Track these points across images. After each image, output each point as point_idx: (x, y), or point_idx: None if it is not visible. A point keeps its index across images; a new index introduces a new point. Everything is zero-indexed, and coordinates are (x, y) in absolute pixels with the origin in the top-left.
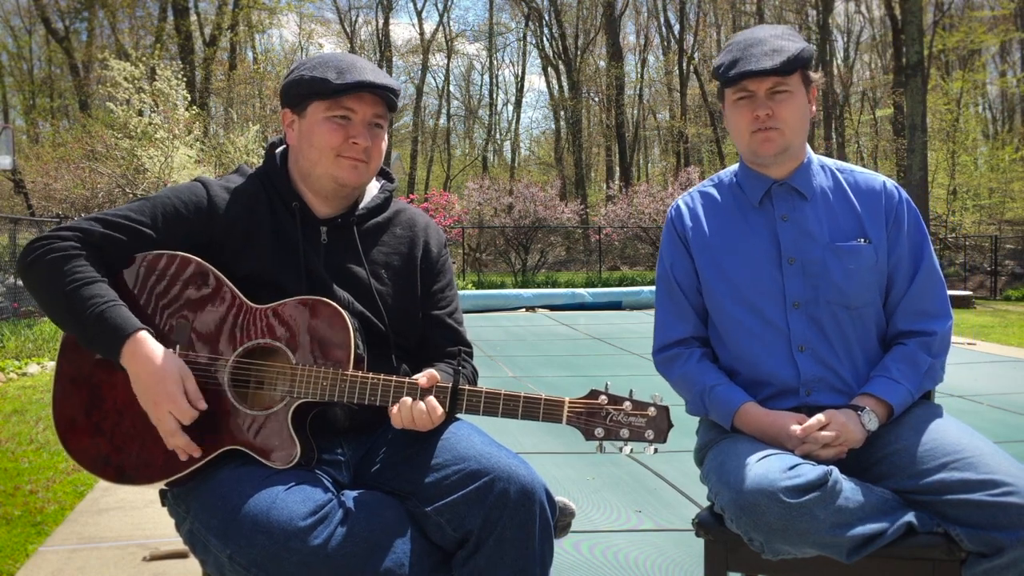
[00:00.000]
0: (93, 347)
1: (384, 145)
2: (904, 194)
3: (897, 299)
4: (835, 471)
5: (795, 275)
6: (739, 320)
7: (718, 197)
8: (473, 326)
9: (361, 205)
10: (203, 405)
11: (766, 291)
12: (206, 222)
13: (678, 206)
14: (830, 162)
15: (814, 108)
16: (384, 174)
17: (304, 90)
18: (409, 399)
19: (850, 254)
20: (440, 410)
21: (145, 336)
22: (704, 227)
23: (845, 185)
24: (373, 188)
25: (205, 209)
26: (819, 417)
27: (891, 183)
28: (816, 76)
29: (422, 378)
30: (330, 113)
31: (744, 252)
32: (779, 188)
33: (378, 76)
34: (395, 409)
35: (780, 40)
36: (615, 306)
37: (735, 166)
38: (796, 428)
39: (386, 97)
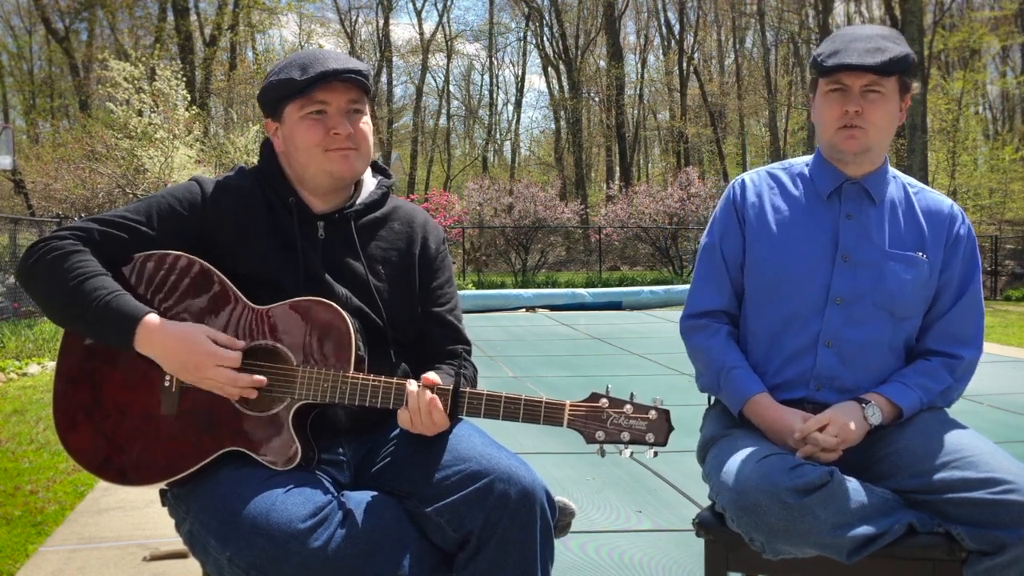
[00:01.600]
0: (103, 338)
1: (368, 128)
2: (967, 221)
3: (934, 319)
4: (836, 472)
5: (845, 273)
6: (775, 303)
7: (786, 182)
8: (473, 326)
9: (358, 200)
10: (241, 343)
11: (810, 281)
12: (202, 220)
13: (743, 181)
14: (904, 177)
15: (903, 116)
16: (381, 170)
17: (275, 94)
18: (413, 402)
19: (907, 264)
20: (443, 411)
21: (154, 318)
22: (766, 207)
23: (915, 200)
24: (370, 184)
25: (199, 205)
26: (819, 418)
27: (957, 207)
28: (915, 86)
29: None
30: (304, 111)
31: (800, 240)
32: (851, 186)
33: (342, 62)
34: (403, 411)
35: (885, 41)
36: (615, 306)
37: (809, 156)
38: (799, 427)
39: (356, 81)
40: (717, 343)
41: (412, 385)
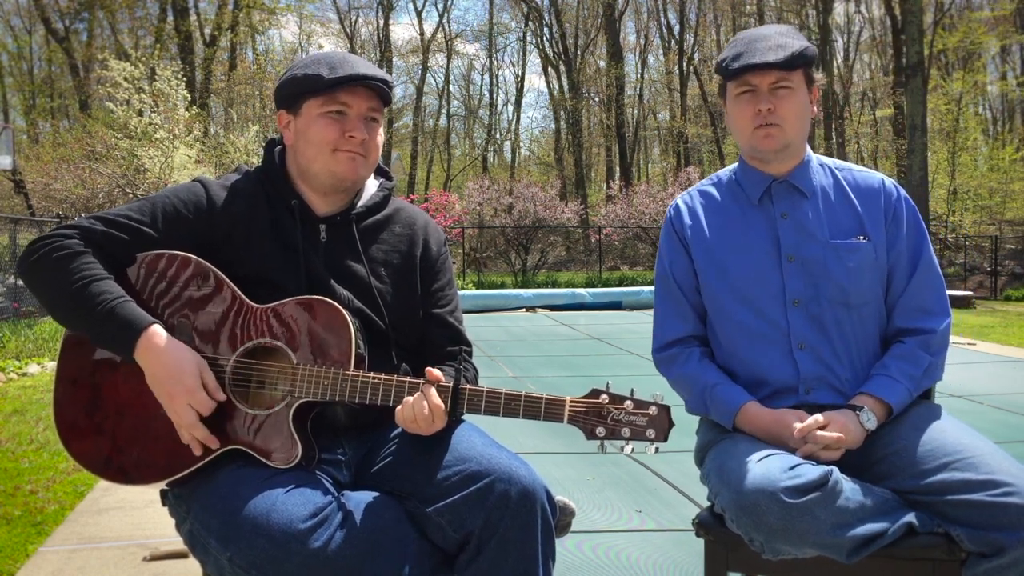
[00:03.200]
0: (104, 344)
1: (381, 139)
2: (902, 192)
3: (896, 296)
4: (835, 471)
5: (795, 273)
6: (738, 319)
7: (717, 195)
8: (473, 326)
9: (360, 203)
10: (222, 396)
11: (766, 289)
12: (205, 221)
13: (677, 205)
14: (829, 161)
15: (815, 108)
16: (383, 172)
17: (298, 88)
18: (411, 398)
19: (850, 252)
20: (443, 408)
21: (158, 330)
22: (703, 225)
23: (844, 183)
24: (372, 186)
25: (204, 208)
26: (817, 417)
27: (890, 181)
28: (818, 77)
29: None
30: (325, 109)
31: (743, 250)
32: (779, 186)
33: (370, 69)
34: (402, 407)
35: (784, 37)
36: (615, 306)
37: (735, 164)
38: (798, 426)
39: (379, 90)
40: (692, 366)
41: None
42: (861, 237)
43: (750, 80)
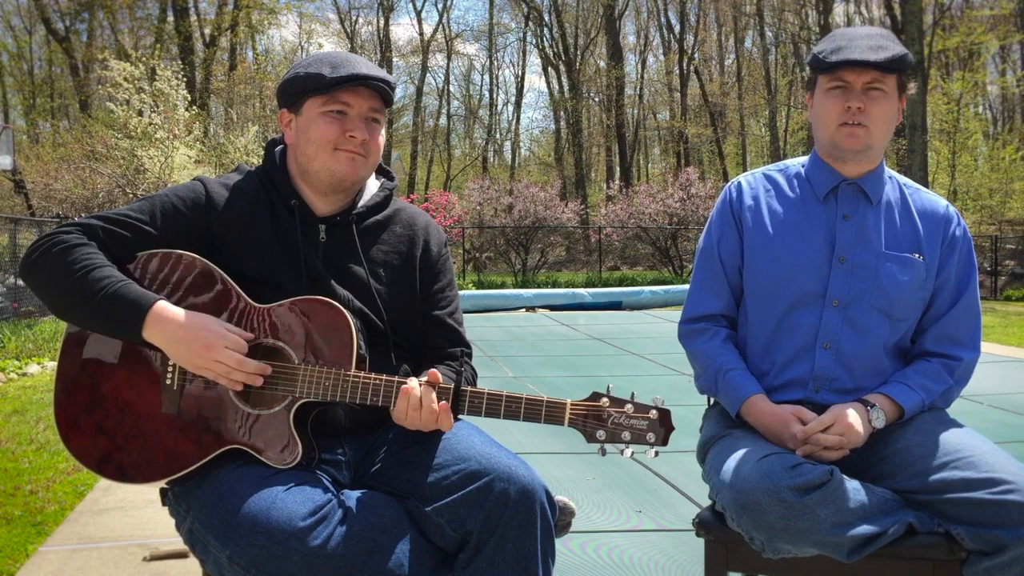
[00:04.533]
0: (112, 328)
1: (382, 140)
2: (963, 222)
3: (932, 320)
4: (836, 471)
5: (842, 274)
6: (774, 306)
7: (782, 183)
8: (473, 326)
9: (360, 203)
10: (249, 334)
11: (808, 283)
12: (205, 220)
13: (739, 183)
14: (898, 176)
15: (900, 117)
16: (384, 173)
17: (299, 87)
18: (411, 391)
19: (903, 265)
20: (442, 403)
21: (165, 304)
22: (762, 209)
23: (910, 201)
24: (373, 186)
25: (204, 207)
26: (823, 419)
27: (953, 208)
28: (911, 86)
29: (425, 378)
30: (326, 108)
31: (797, 242)
32: (847, 187)
33: (372, 69)
34: (397, 404)
35: (884, 40)
36: (615, 306)
37: (805, 157)
38: (798, 428)
39: (381, 90)
40: (714, 346)
41: (414, 382)
42: (917, 255)
43: (845, 76)
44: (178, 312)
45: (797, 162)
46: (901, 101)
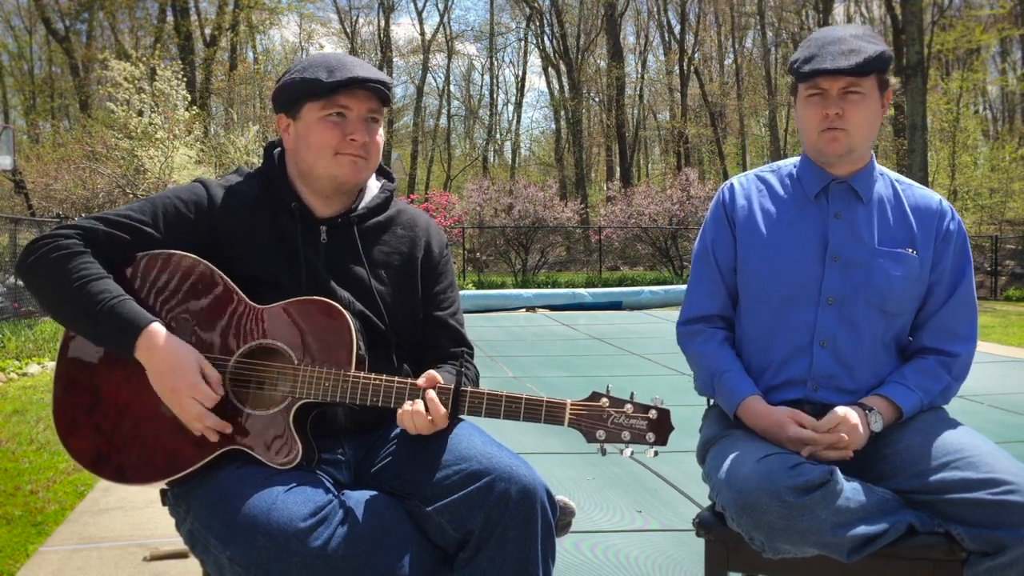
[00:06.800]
0: (104, 343)
1: (381, 140)
2: (957, 216)
3: (928, 315)
4: (836, 471)
5: (836, 272)
6: (769, 306)
7: (775, 184)
8: (473, 326)
9: (361, 204)
10: (222, 391)
11: (802, 282)
12: (206, 222)
13: (732, 186)
14: (890, 173)
15: (887, 109)
16: (385, 174)
17: (297, 92)
18: (411, 406)
19: (896, 260)
20: (443, 410)
21: (158, 328)
22: (755, 210)
23: (903, 197)
24: (373, 187)
25: (205, 209)
26: (823, 424)
27: (946, 203)
28: (893, 81)
29: (422, 380)
30: (325, 112)
31: (790, 241)
32: (838, 186)
33: (369, 71)
34: (403, 410)
35: (859, 41)
36: (615, 306)
37: (796, 157)
38: (794, 431)
39: (379, 91)
40: (711, 348)
41: (423, 380)
42: (910, 250)
43: (820, 84)
44: (166, 342)
45: (789, 163)
46: (885, 97)
